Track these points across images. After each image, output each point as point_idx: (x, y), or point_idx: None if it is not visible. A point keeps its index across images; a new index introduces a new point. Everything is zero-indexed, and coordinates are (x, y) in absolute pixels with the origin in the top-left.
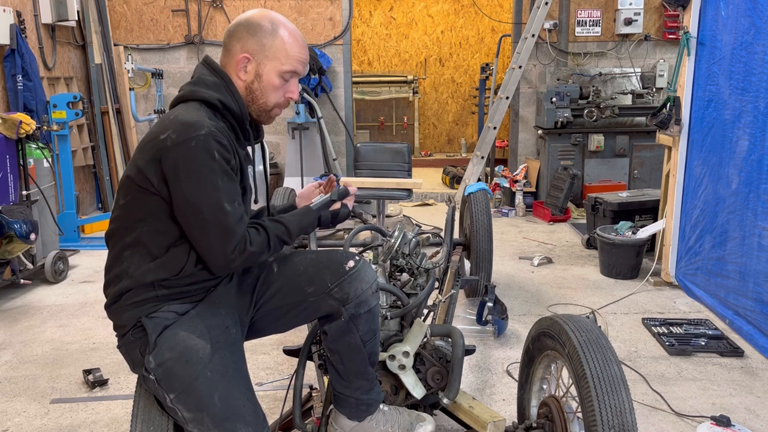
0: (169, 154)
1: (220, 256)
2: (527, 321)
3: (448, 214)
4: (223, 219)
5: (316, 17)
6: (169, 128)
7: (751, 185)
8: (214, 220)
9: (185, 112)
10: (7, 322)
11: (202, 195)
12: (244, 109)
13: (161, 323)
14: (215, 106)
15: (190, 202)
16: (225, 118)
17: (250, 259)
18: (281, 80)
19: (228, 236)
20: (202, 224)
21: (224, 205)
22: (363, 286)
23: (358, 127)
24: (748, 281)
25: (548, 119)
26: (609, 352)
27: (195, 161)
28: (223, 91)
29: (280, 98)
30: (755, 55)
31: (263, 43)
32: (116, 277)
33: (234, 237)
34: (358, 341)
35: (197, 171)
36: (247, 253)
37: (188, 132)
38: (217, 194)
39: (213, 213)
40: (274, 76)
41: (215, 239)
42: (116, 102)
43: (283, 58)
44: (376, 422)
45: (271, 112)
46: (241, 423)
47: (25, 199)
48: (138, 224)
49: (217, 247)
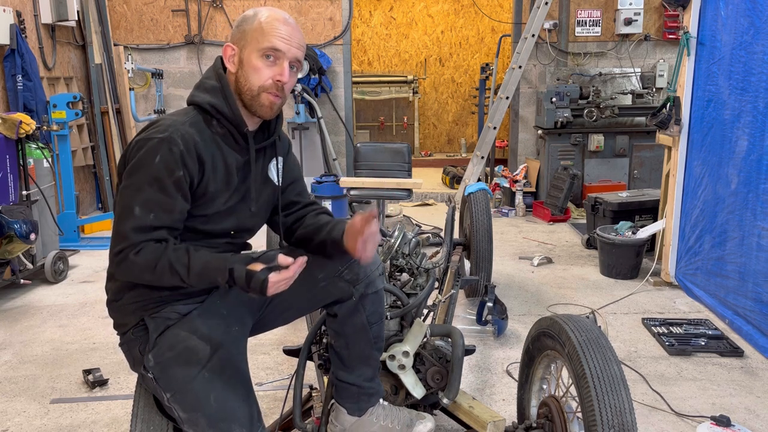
0: (128, 146)
1: (110, 253)
2: (527, 321)
3: (448, 214)
4: (125, 221)
5: (316, 17)
6: (145, 129)
7: (750, 185)
8: (119, 217)
9: (171, 114)
10: (7, 322)
11: (124, 190)
12: (238, 112)
13: (164, 323)
14: (208, 110)
15: (119, 192)
16: (221, 124)
17: (132, 269)
18: (263, 61)
19: (119, 237)
20: (115, 216)
21: (134, 209)
22: (371, 267)
23: (358, 127)
24: (747, 281)
25: (548, 119)
26: (609, 352)
27: (136, 158)
28: (218, 94)
29: (266, 80)
30: (754, 55)
31: (243, 29)
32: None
33: (123, 241)
34: (365, 321)
35: (133, 169)
36: (129, 261)
37: (150, 132)
38: (135, 195)
39: (122, 210)
40: (254, 57)
41: (113, 235)
42: (116, 102)
43: (260, 37)
44: (376, 416)
45: (259, 98)
46: (236, 424)
47: (25, 199)
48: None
49: (111, 243)
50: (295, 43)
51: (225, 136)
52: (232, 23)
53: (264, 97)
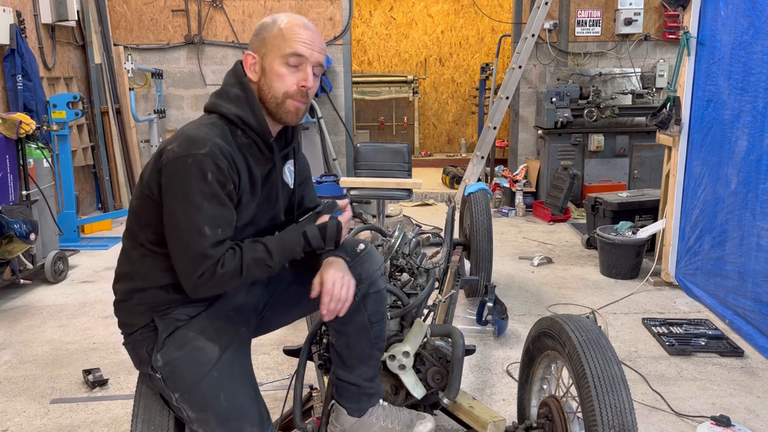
0: (167, 166)
1: (188, 278)
2: (527, 321)
3: (448, 214)
4: (198, 241)
5: (316, 17)
6: (175, 140)
7: (750, 185)
8: (189, 240)
9: (198, 126)
10: (7, 322)
11: (184, 213)
12: (264, 123)
13: (173, 323)
14: (233, 121)
15: (172, 217)
16: (246, 134)
17: (221, 282)
18: (286, 67)
19: (199, 259)
20: (178, 242)
21: (203, 228)
22: (373, 267)
23: (358, 127)
24: (747, 281)
25: (548, 119)
26: (609, 352)
27: (186, 178)
28: (244, 105)
29: (290, 87)
30: (754, 55)
31: (264, 37)
32: (127, 275)
33: (205, 261)
34: (366, 321)
35: (186, 188)
36: (218, 276)
37: (189, 148)
38: (199, 216)
39: (189, 233)
40: (276, 64)
41: (186, 260)
42: (116, 102)
43: (282, 43)
44: (375, 417)
45: (284, 105)
46: (246, 423)
47: (25, 199)
48: (145, 229)
49: (187, 268)
50: (317, 47)
51: (250, 146)
52: (232, 23)
53: (289, 104)
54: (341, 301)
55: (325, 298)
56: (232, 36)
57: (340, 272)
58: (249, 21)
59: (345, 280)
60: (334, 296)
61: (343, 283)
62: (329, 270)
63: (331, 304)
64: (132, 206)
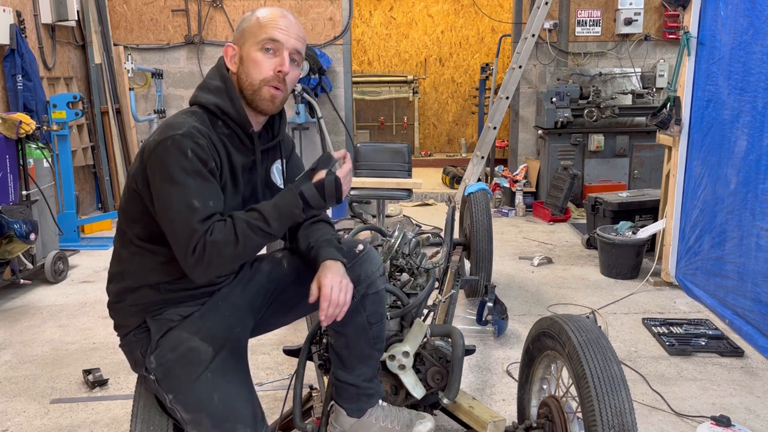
0: (150, 155)
1: (184, 259)
2: (527, 321)
3: (448, 214)
4: (189, 216)
5: (316, 17)
6: (156, 131)
7: (749, 185)
8: (181, 217)
9: (176, 115)
10: (7, 322)
11: (172, 192)
12: (243, 112)
13: (166, 324)
14: (213, 111)
15: (161, 200)
16: (226, 124)
17: (216, 253)
18: (262, 53)
19: (188, 233)
20: (170, 223)
21: (193, 202)
22: (372, 268)
23: (358, 127)
24: (746, 281)
25: (548, 119)
26: (609, 352)
27: (168, 160)
28: (223, 95)
29: (267, 73)
30: (753, 55)
31: (243, 28)
32: (118, 275)
33: (194, 233)
34: (365, 321)
35: (169, 169)
36: (209, 246)
37: (166, 132)
38: (186, 191)
39: (180, 211)
40: (253, 51)
41: (179, 239)
42: (116, 102)
43: (258, 31)
44: (375, 417)
45: (260, 92)
46: (240, 424)
47: (25, 199)
48: (133, 225)
49: (181, 248)
50: (294, 34)
51: (230, 136)
52: (232, 23)
53: (265, 91)
54: (340, 305)
55: (323, 303)
56: (231, 36)
57: (338, 276)
58: None
59: (343, 284)
60: (332, 301)
61: (341, 288)
62: (327, 274)
63: (330, 309)
64: (120, 205)
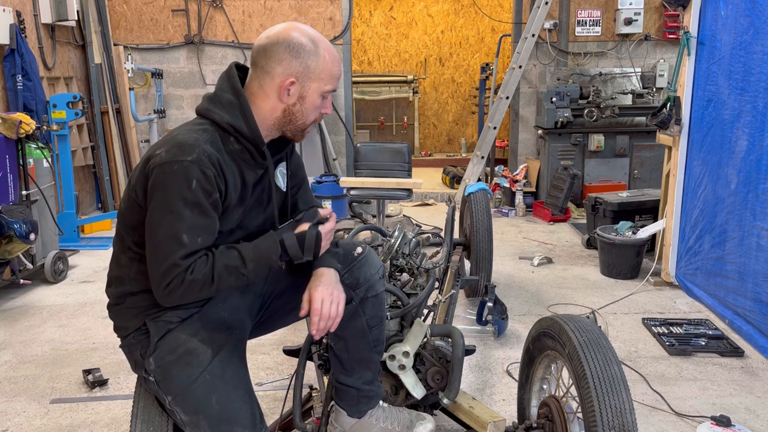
0: (154, 171)
1: (157, 286)
2: (527, 321)
3: (448, 214)
4: (174, 249)
5: (316, 17)
6: (164, 145)
7: (750, 185)
8: (165, 247)
9: (188, 131)
10: (7, 322)
11: (165, 219)
12: (257, 131)
13: (165, 326)
14: (226, 129)
15: (152, 222)
16: (238, 141)
17: (191, 290)
18: (321, 99)
19: (169, 268)
20: (153, 247)
21: (181, 236)
22: (371, 271)
23: (358, 127)
24: (746, 281)
25: (548, 119)
26: (609, 352)
27: (170, 185)
28: (236, 112)
29: (317, 116)
30: (754, 55)
31: (308, 64)
32: (117, 279)
33: (175, 269)
34: (364, 325)
35: (169, 194)
36: (187, 283)
37: (176, 155)
38: (178, 223)
39: (167, 240)
40: (316, 96)
41: (157, 267)
42: (116, 102)
43: (327, 78)
44: (375, 418)
45: (306, 130)
46: (238, 426)
47: (24, 199)
48: (132, 232)
49: (157, 275)
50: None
51: (241, 152)
52: (232, 23)
53: (308, 130)
54: (331, 318)
55: (314, 317)
56: (232, 36)
57: (329, 288)
58: (249, 21)
59: (334, 296)
60: (323, 315)
61: (332, 300)
62: (318, 287)
63: (321, 323)
64: (120, 210)
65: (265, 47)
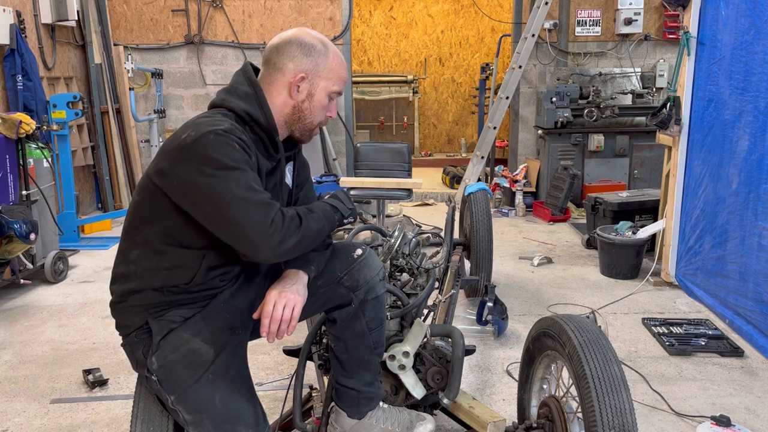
0: (189, 149)
1: (262, 234)
2: (527, 321)
3: (448, 214)
4: (255, 195)
5: (316, 17)
6: (189, 128)
7: (751, 185)
8: (246, 198)
9: (207, 116)
10: (7, 322)
11: (227, 179)
12: (272, 121)
13: (167, 325)
14: (242, 117)
15: (215, 189)
16: (253, 131)
17: (292, 229)
18: (328, 100)
19: (264, 207)
20: (232, 209)
21: (252, 184)
22: (371, 273)
23: (358, 127)
24: (748, 281)
25: (548, 119)
26: (609, 352)
27: (216, 150)
28: (253, 102)
29: (323, 117)
30: (755, 55)
31: (318, 62)
32: (123, 276)
33: (271, 207)
34: (364, 327)
35: (219, 158)
36: (287, 220)
37: (207, 127)
38: (244, 176)
39: (241, 192)
40: (324, 95)
41: (251, 218)
42: (116, 102)
43: (335, 78)
44: (375, 419)
45: (313, 131)
46: (242, 425)
47: (25, 199)
48: (147, 225)
49: (256, 225)
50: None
51: (256, 141)
52: (232, 23)
53: (316, 131)
54: (284, 321)
55: (264, 319)
56: (232, 36)
57: (285, 290)
58: (249, 21)
59: (289, 299)
60: (273, 318)
61: (286, 303)
62: (272, 289)
63: (272, 326)
64: (134, 203)
65: (277, 46)
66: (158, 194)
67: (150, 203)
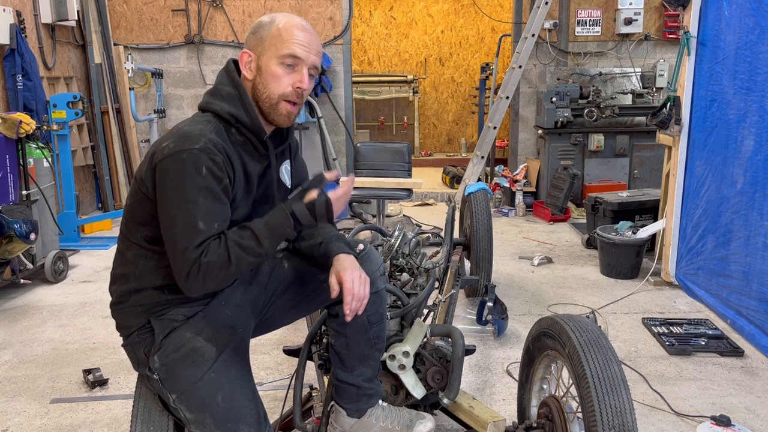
0: (162, 163)
1: (179, 276)
2: (527, 321)
3: (448, 214)
4: (191, 236)
5: (316, 17)
6: (170, 138)
7: (757, 185)
8: (183, 235)
9: (192, 123)
10: (7, 322)
11: (179, 208)
12: (258, 121)
13: (170, 324)
14: (227, 120)
15: (167, 214)
16: (239, 132)
17: (210, 273)
18: (282, 68)
19: (186, 254)
20: (172, 237)
21: (198, 223)
22: (372, 267)
23: (358, 126)
24: (752, 281)
25: (548, 119)
26: (609, 352)
27: (181, 173)
28: (237, 103)
29: (286, 88)
30: (760, 55)
31: (261, 36)
32: (122, 276)
33: (191, 254)
34: (365, 322)
35: (181, 184)
36: (204, 266)
37: (183, 144)
38: (194, 210)
39: (184, 229)
40: (273, 64)
41: (177, 256)
42: (116, 102)
43: (279, 43)
44: (375, 418)
45: (278, 106)
46: (243, 424)
47: (25, 198)
48: (140, 227)
49: (177, 265)
50: (314, 50)
51: (244, 143)
52: (232, 23)
53: (283, 107)
54: (361, 298)
55: (347, 297)
56: (232, 36)
57: (357, 270)
58: (249, 21)
59: (362, 278)
60: (356, 295)
61: (361, 281)
62: (347, 269)
63: (354, 303)
64: (127, 206)
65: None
66: (145, 200)
67: (140, 207)
